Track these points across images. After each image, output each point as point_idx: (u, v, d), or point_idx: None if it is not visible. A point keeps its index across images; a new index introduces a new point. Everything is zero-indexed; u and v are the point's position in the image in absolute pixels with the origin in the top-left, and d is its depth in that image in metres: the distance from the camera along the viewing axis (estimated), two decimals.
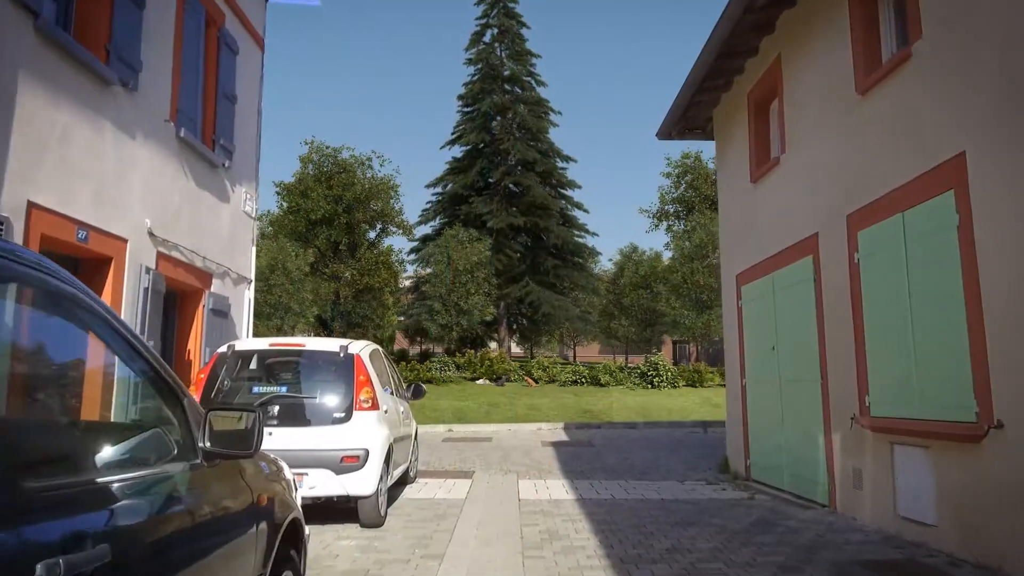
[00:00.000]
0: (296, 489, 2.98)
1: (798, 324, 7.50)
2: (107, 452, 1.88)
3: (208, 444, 2.13)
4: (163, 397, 2.07)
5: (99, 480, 1.65)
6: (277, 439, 5.55)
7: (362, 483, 5.51)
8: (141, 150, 6.80)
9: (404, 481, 8.07)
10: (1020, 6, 4.39)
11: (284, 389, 5.83)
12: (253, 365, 6.12)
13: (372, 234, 33.90)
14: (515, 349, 43.33)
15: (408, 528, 5.87)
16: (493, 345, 33.95)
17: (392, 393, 7.16)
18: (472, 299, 25.54)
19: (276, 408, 5.64)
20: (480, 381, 23.70)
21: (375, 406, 5.86)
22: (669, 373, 22.01)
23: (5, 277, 1.52)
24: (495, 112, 34.45)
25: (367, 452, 5.56)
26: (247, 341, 6.48)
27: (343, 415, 5.69)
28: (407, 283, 36.99)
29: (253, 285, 9.88)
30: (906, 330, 5.43)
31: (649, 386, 21.97)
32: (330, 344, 6.12)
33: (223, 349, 6.12)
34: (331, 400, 5.79)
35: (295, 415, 5.69)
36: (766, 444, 8.43)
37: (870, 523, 5.96)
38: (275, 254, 24.95)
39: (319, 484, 5.46)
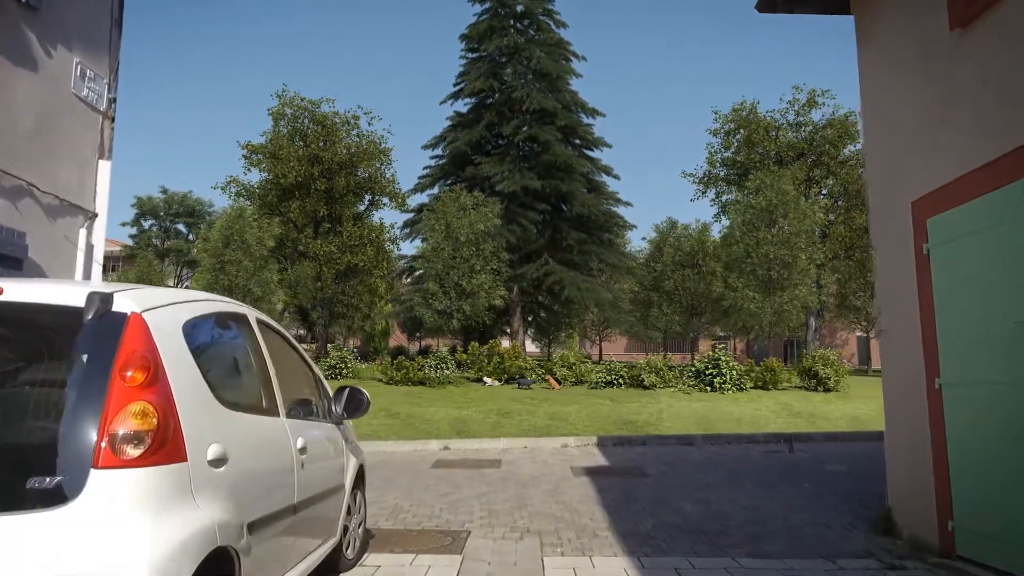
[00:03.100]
0: None
1: None
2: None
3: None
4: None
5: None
6: None
7: None
8: None
9: (334, 568, 4.72)
10: None
11: None
12: None
13: (361, 207, 30.66)
14: (530, 347, 39.95)
15: None
16: (505, 343, 30.39)
17: (280, 412, 3.70)
18: (478, 278, 21.85)
19: None
20: (488, 381, 20.20)
21: (167, 453, 2.36)
22: (734, 372, 18.40)
23: None
24: (506, 55, 30.84)
25: None
26: None
27: (55, 485, 2.20)
28: (402, 264, 33.57)
29: (103, 223, 6.46)
30: None
31: (708, 388, 18.40)
32: (64, 293, 2.62)
33: None
34: (29, 439, 2.30)
35: None
36: (1002, 497, 4.94)
37: None
38: (231, 223, 21.53)
39: None
